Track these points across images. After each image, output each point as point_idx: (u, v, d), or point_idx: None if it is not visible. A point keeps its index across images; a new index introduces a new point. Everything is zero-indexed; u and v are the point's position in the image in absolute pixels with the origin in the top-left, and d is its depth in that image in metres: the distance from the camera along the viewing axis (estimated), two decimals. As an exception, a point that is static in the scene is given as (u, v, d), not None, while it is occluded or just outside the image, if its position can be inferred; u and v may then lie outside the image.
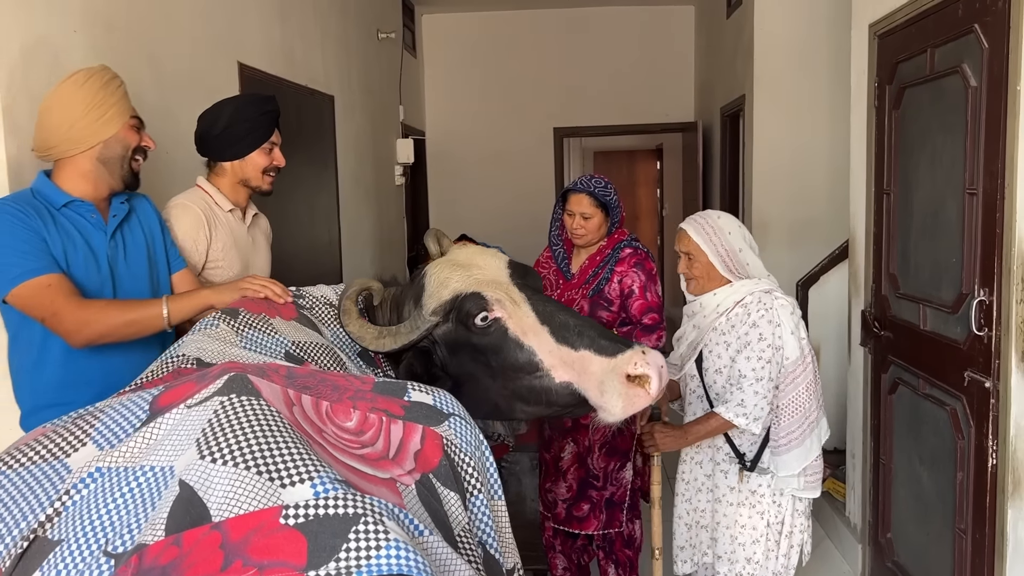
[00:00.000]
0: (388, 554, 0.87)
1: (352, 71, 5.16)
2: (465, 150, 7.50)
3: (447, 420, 1.24)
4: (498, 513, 1.27)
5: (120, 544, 0.97)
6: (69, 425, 1.16)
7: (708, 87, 6.80)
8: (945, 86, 2.61)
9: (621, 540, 2.96)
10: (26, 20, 2.15)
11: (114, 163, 1.94)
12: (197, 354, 1.45)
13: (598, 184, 2.79)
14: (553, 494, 2.94)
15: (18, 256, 1.77)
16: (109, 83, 1.92)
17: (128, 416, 1.16)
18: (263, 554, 0.86)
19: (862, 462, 3.37)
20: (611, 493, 2.87)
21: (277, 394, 1.15)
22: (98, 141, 1.90)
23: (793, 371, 2.32)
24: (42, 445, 1.13)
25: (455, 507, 1.16)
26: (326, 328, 1.74)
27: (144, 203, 2.13)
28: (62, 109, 1.87)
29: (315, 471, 0.96)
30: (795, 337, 2.31)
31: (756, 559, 2.37)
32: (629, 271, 2.79)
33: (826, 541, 3.71)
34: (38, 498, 1.06)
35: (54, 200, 1.89)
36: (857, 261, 3.37)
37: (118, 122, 1.93)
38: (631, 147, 10.86)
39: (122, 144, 1.94)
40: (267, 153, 2.34)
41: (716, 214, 2.44)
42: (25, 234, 1.79)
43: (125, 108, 1.95)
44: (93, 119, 1.88)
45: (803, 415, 2.33)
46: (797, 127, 4.98)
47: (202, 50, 3.13)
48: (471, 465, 1.21)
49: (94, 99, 1.88)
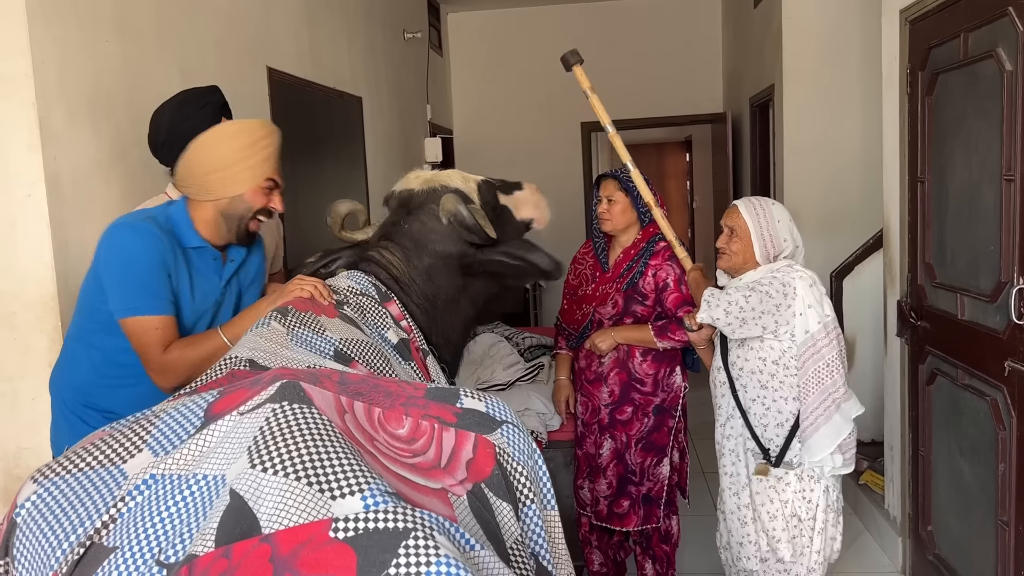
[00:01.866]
0: (439, 571, 0.85)
1: (380, 72, 5.19)
2: (493, 147, 7.50)
3: (500, 428, 1.21)
4: (551, 523, 1.25)
5: (172, 554, 0.97)
6: (126, 430, 1.17)
7: (736, 77, 6.74)
8: (979, 71, 2.56)
9: (658, 535, 2.96)
10: (60, 32, 2.19)
11: (233, 220, 1.94)
12: (250, 355, 1.44)
13: (625, 170, 2.84)
14: (593, 492, 2.94)
15: (143, 290, 1.82)
16: (258, 141, 1.92)
17: (183, 422, 1.16)
18: (312, 568, 0.86)
19: (900, 454, 3.32)
20: (648, 489, 2.87)
21: (329, 402, 1.14)
22: (224, 196, 1.91)
23: (814, 344, 2.30)
24: (100, 451, 1.13)
25: (507, 518, 1.14)
26: (365, 325, 1.74)
27: (258, 252, 2.16)
28: (203, 155, 1.89)
29: (365, 483, 0.95)
30: (814, 310, 2.30)
31: (781, 548, 2.36)
32: (663, 264, 2.79)
33: (864, 534, 3.67)
34: (95, 504, 1.06)
35: (186, 239, 1.92)
36: (892, 251, 3.32)
37: (248, 184, 1.92)
38: (659, 140, 10.80)
39: (245, 205, 1.94)
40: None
41: (771, 201, 2.48)
42: (159, 269, 1.84)
43: (261, 171, 1.94)
44: (229, 175, 1.90)
45: (826, 390, 2.31)
46: (828, 116, 4.91)
47: (231, 56, 3.16)
48: (523, 474, 1.19)
49: (234, 155, 1.89)
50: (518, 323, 5.20)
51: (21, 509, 1.08)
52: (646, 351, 2.82)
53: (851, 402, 2.37)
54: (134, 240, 1.84)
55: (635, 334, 2.79)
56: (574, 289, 3.01)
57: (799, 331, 2.32)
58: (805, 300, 2.29)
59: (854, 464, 2.40)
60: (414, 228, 1.99)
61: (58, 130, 2.17)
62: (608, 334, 2.81)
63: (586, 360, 2.94)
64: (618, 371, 2.85)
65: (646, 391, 2.84)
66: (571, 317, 2.98)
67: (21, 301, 2.16)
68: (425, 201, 2.01)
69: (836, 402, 2.31)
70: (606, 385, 2.87)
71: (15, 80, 2.10)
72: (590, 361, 2.92)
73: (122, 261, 1.84)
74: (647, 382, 2.84)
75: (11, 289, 2.18)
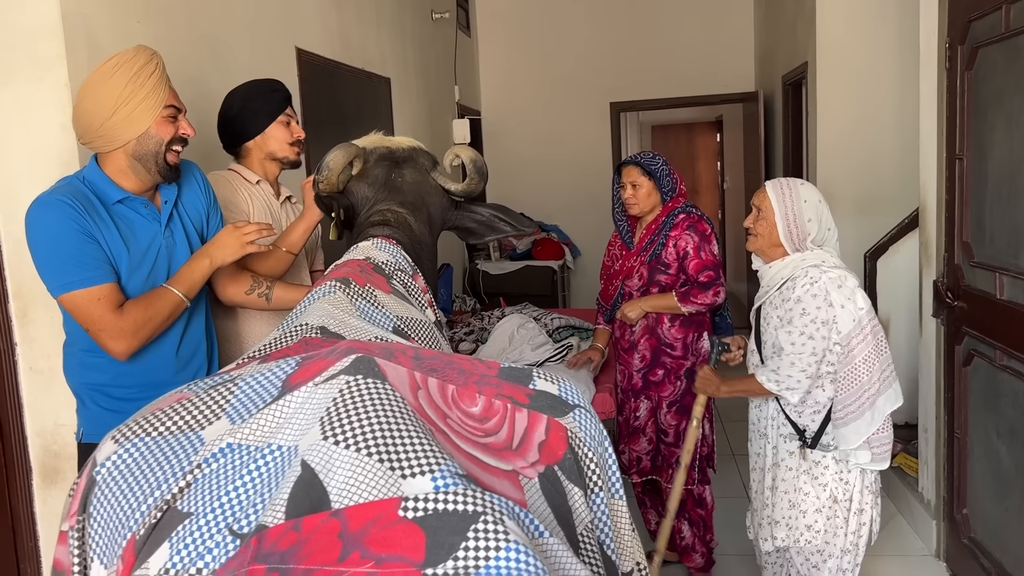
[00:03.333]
0: (508, 556, 0.84)
1: (408, 53, 5.18)
2: (521, 128, 7.47)
3: (572, 412, 1.19)
4: (617, 513, 1.23)
5: (245, 523, 0.97)
6: (204, 396, 1.16)
7: (769, 55, 6.63)
8: (1022, 44, 2.49)
9: (692, 500, 3.09)
10: (90, 12, 2.21)
11: (148, 159, 1.86)
12: (321, 323, 1.42)
13: (645, 156, 3.03)
14: (634, 452, 3.11)
15: (74, 262, 1.75)
16: (140, 72, 1.80)
17: (261, 392, 1.15)
18: (381, 547, 0.85)
19: (935, 436, 3.27)
20: None
21: (403, 378, 1.13)
22: (129, 139, 1.82)
23: (848, 343, 2.26)
24: (179, 415, 1.13)
25: (579, 503, 1.12)
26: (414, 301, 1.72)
27: (192, 176, 2.07)
28: (92, 104, 1.79)
29: (436, 463, 0.94)
30: (846, 310, 2.25)
31: (818, 528, 2.33)
32: (682, 234, 2.96)
33: (898, 517, 3.63)
34: (172, 468, 1.07)
35: (108, 195, 1.85)
36: (928, 230, 3.26)
37: (148, 117, 1.82)
38: (690, 120, 10.66)
39: (154, 140, 1.85)
40: (286, 126, 2.37)
41: (800, 181, 2.42)
42: (81, 236, 1.76)
43: (156, 100, 1.83)
44: (122, 116, 1.79)
45: (859, 388, 2.27)
46: (863, 93, 4.82)
47: (261, 37, 3.17)
48: (593, 460, 1.17)
49: (121, 93, 1.78)
50: (546, 304, 5.19)
51: (101, 468, 1.09)
52: (674, 317, 2.99)
53: (887, 395, 2.30)
54: (48, 215, 1.76)
55: (661, 301, 2.96)
56: (608, 268, 3.21)
57: (834, 332, 2.28)
58: (838, 302, 2.25)
59: (887, 462, 2.33)
60: (409, 181, 1.97)
61: (91, 111, 2.19)
62: (636, 304, 2.99)
63: (620, 331, 3.14)
64: (648, 337, 3.04)
65: (676, 355, 3.02)
66: (605, 293, 3.19)
67: (57, 281, 2.19)
68: (409, 157, 2.01)
69: (871, 399, 2.27)
70: (638, 351, 3.06)
71: (48, 61, 2.12)
72: (623, 331, 3.11)
73: (45, 239, 1.76)
74: (677, 346, 3.02)
75: (47, 269, 2.21)
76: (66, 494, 1.18)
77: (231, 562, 0.93)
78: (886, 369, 2.31)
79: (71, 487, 1.15)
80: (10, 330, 2.28)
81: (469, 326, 4.17)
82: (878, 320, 2.33)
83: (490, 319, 4.18)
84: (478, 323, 4.18)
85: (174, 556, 0.97)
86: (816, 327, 2.25)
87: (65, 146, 2.15)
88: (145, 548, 1.00)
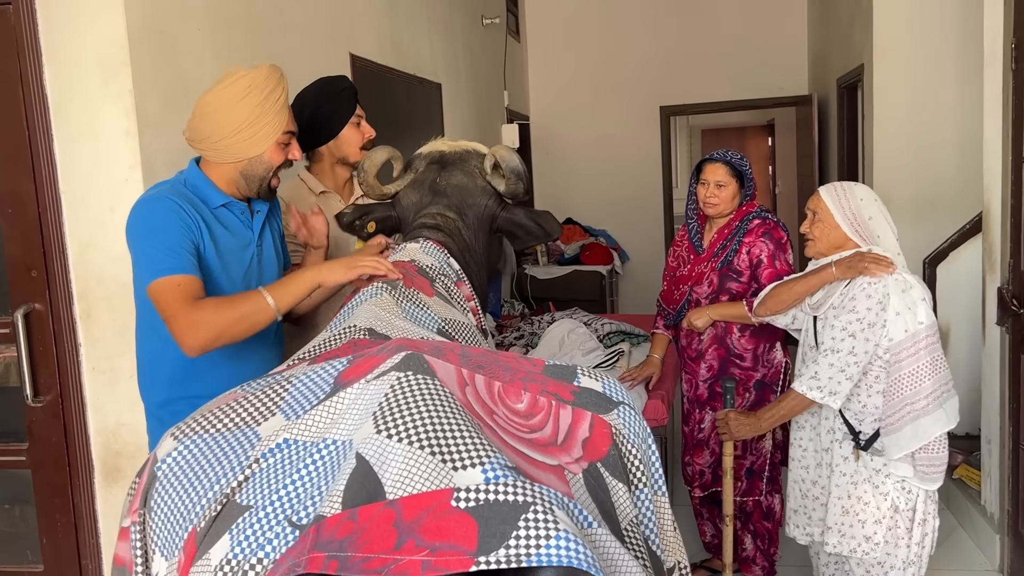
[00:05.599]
0: (558, 544, 0.86)
1: (458, 58, 5.21)
2: (570, 133, 7.46)
3: (616, 409, 1.21)
4: (661, 509, 1.24)
5: (304, 514, 1.00)
6: (260, 394, 1.20)
7: (823, 58, 6.52)
8: (1093, 42, 2.41)
9: (760, 511, 2.99)
10: (154, 21, 2.26)
11: (254, 180, 1.92)
12: (369, 325, 1.45)
13: (734, 155, 2.85)
14: (698, 464, 3.02)
15: (164, 251, 1.75)
16: (269, 96, 1.85)
17: (314, 389, 1.19)
18: (435, 536, 0.87)
19: (999, 448, 3.17)
20: (751, 462, 2.93)
21: (451, 374, 1.16)
22: (244, 159, 1.88)
23: (898, 353, 2.20)
24: (236, 413, 1.17)
25: (623, 499, 1.14)
26: (456, 304, 1.74)
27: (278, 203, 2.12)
28: (220, 117, 1.84)
29: (486, 456, 0.97)
30: (901, 318, 2.18)
31: (877, 540, 2.27)
32: (757, 241, 2.81)
33: (959, 531, 3.53)
34: (231, 464, 1.10)
35: (211, 199, 1.89)
36: (992, 235, 3.17)
37: (267, 142, 1.88)
38: (741, 123, 10.57)
39: (265, 165, 1.91)
40: (357, 127, 2.37)
41: (854, 183, 2.39)
42: (180, 231, 1.78)
43: (277, 126, 1.88)
44: (244, 137, 1.85)
45: (900, 401, 2.20)
46: (921, 96, 4.71)
47: (317, 43, 3.22)
48: (637, 457, 1.18)
49: (248, 116, 1.83)
50: (594, 309, 5.16)
51: (162, 464, 1.13)
52: (744, 327, 2.85)
53: (935, 415, 2.19)
54: (151, 208, 1.80)
55: (730, 310, 2.81)
56: (673, 271, 3.07)
57: (884, 338, 2.22)
58: (895, 307, 2.19)
59: (937, 482, 2.24)
60: (454, 183, 1.98)
61: (153, 117, 2.24)
62: (703, 312, 2.85)
63: (687, 339, 3.01)
64: (716, 347, 2.91)
65: (746, 366, 2.88)
66: (669, 297, 3.06)
67: (119, 283, 2.25)
68: (459, 160, 2.02)
69: (914, 416, 2.19)
70: (705, 361, 2.94)
71: (113, 68, 2.18)
72: (690, 339, 2.98)
73: (143, 231, 1.79)
74: (746, 357, 2.88)
75: (110, 271, 2.27)
76: (126, 492, 1.21)
77: (291, 551, 0.95)
78: (938, 389, 2.21)
79: (131, 485, 1.18)
80: (74, 331, 2.34)
81: (519, 330, 4.17)
82: (939, 338, 2.24)
83: (540, 324, 4.17)
84: (528, 328, 4.18)
85: (235, 547, 1.00)
86: (861, 327, 2.19)
87: (129, 152, 2.20)
88: (206, 540, 1.03)
